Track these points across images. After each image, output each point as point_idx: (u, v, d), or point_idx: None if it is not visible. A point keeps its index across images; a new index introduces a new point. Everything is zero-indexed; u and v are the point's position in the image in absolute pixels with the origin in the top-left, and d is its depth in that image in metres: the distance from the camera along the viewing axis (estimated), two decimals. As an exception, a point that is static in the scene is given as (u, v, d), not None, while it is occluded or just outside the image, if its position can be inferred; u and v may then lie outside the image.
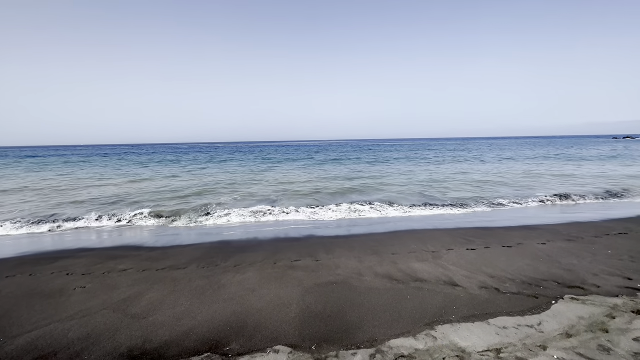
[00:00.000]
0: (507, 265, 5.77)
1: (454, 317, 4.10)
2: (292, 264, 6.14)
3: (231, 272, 5.80)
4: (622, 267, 5.57)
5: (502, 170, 23.97)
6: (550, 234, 7.76)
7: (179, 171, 27.58)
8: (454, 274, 5.44)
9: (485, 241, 7.31)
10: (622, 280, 5.03)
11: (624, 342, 3.41)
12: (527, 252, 6.49)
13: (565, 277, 5.22)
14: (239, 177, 22.71)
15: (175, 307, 4.57)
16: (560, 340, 3.51)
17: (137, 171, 27.92)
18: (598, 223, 8.82)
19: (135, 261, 6.57)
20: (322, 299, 4.71)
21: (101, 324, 4.18)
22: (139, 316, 4.36)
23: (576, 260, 5.97)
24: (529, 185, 16.47)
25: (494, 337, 3.63)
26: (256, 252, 7.02)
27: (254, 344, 3.69)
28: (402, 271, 5.65)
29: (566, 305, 4.31)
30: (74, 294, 5.09)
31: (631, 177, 18.70)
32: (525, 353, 3.31)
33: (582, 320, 3.90)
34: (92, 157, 53.80)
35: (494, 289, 4.85)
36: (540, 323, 3.89)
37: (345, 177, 21.41)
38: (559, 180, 18.10)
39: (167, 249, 7.48)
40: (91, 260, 6.66)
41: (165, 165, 34.78)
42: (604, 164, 27.26)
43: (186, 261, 6.48)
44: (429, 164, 31.08)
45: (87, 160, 43.56)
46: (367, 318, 4.15)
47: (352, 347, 3.55)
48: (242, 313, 4.36)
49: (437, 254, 6.52)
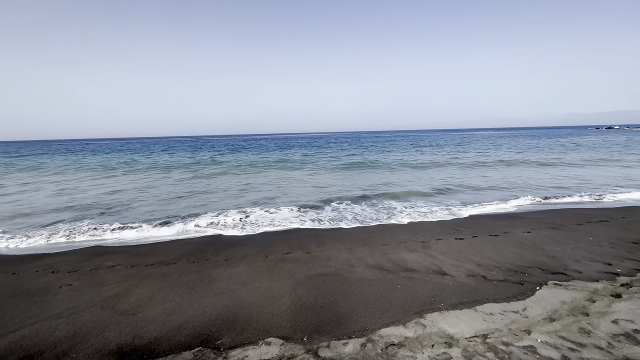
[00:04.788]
0: (494, 254, 5.92)
1: (443, 305, 4.20)
2: (283, 257, 6.15)
3: (222, 267, 5.77)
4: (603, 253, 5.78)
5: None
6: (535, 223, 7.97)
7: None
8: (443, 263, 5.55)
9: (473, 230, 7.46)
10: (602, 266, 5.23)
11: (603, 325, 3.56)
12: (513, 240, 6.66)
13: (549, 264, 5.39)
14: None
15: (166, 303, 4.53)
16: (544, 325, 3.64)
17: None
18: (580, 211, 9.11)
19: (124, 257, 6.46)
20: (313, 290, 4.74)
21: (89, 322, 4.11)
22: (128, 313, 4.30)
23: (559, 247, 6.16)
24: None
25: (481, 324, 3.74)
26: (247, 245, 6.99)
27: (245, 337, 3.70)
28: (393, 261, 5.72)
29: (550, 291, 4.45)
30: (60, 292, 4.97)
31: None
32: (510, 338, 3.42)
33: (565, 305, 4.04)
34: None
35: (481, 277, 4.97)
36: (525, 309, 4.02)
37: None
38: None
39: (157, 244, 7.37)
40: (78, 258, 6.51)
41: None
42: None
43: (176, 256, 6.41)
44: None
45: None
46: (358, 308, 4.20)
47: (344, 337, 3.60)
48: (233, 307, 4.35)
49: (427, 244, 6.62)
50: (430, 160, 25.65)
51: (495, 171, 18.88)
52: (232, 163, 27.77)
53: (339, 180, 16.89)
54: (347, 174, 19.29)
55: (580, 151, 30.52)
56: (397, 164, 24.12)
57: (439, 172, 18.99)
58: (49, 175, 21.82)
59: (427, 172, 19.41)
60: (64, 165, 29.15)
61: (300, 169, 22.91)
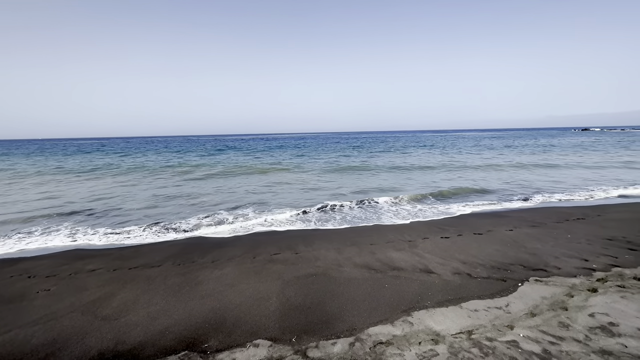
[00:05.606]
0: (478, 252, 6.06)
1: (430, 303, 4.27)
2: (271, 258, 6.10)
3: (209, 268, 5.68)
4: (580, 249, 6.02)
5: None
6: (517, 221, 8.22)
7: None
8: (429, 262, 5.64)
9: (459, 229, 7.63)
10: (580, 262, 5.44)
11: (581, 319, 3.70)
12: (496, 238, 6.84)
13: (530, 261, 5.57)
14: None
15: (150, 306, 4.41)
16: (525, 320, 3.75)
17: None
18: (560, 209, 9.46)
19: (106, 261, 6.26)
20: (302, 291, 4.72)
21: (69, 328, 3.95)
22: (111, 317, 4.17)
23: (540, 244, 6.38)
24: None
25: (466, 320, 3.82)
26: (235, 246, 6.90)
27: (233, 339, 3.65)
28: (380, 261, 5.78)
29: (531, 287, 4.60)
30: (38, 298, 4.77)
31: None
32: (494, 333, 3.51)
33: (545, 300, 4.19)
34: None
35: (466, 275, 5.08)
36: (508, 305, 4.14)
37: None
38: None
39: (140, 247, 7.18)
40: (56, 262, 6.26)
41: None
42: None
43: (161, 259, 6.26)
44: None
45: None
46: (347, 308, 4.22)
47: (332, 337, 3.60)
48: (220, 309, 4.29)
49: (414, 243, 6.72)
50: (418, 162, 26.06)
51: (484, 172, 19.38)
52: (220, 164, 27.38)
53: (327, 182, 16.93)
54: (335, 176, 19.35)
55: (565, 152, 31.75)
56: (385, 165, 24.40)
57: (426, 174, 19.33)
58: (26, 176, 20.90)
59: (414, 173, 19.72)
60: (43, 165, 27.98)
61: (290, 170, 22.82)
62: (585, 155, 27.52)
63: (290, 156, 34.30)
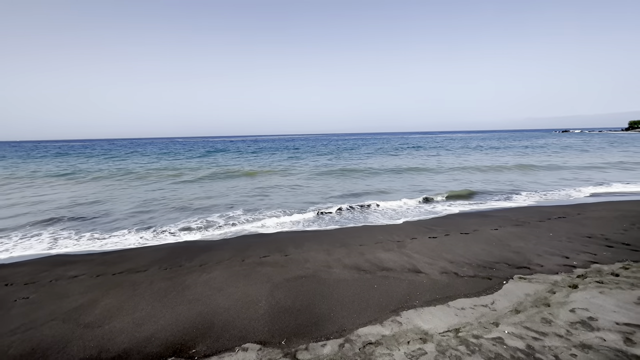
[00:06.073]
0: (464, 251, 6.18)
1: (418, 302, 4.32)
2: (260, 260, 6.05)
3: (197, 272, 5.58)
4: (561, 247, 6.22)
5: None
6: (501, 220, 8.43)
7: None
8: (418, 262, 5.71)
9: (446, 229, 7.76)
10: (561, 259, 5.62)
11: (562, 314, 3.82)
12: (482, 237, 7.00)
13: (514, 259, 5.72)
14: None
15: (135, 312, 4.30)
16: (510, 317, 3.85)
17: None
18: (542, 208, 9.76)
19: (88, 266, 6.07)
20: (291, 293, 4.70)
21: (49, 337, 3.81)
22: (94, 325, 4.04)
23: (523, 243, 6.56)
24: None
25: (453, 319, 3.89)
26: (223, 250, 6.81)
27: (221, 344, 3.59)
28: (370, 261, 5.81)
29: (515, 284, 4.72)
30: (15, 307, 4.58)
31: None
32: (480, 331, 3.58)
33: (529, 297, 4.30)
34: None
35: (453, 274, 5.17)
36: (494, 302, 4.24)
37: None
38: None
39: (125, 251, 7.00)
40: (35, 269, 6.03)
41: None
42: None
43: (147, 263, 6.11)
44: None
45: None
46: (336, 309, 4.23)
47: (322, 339, 3.60)
48: (208, 313, 4.22)
49: (402, 243, 6.80)
50: (406, 164, 26.39)
51: (469, 174, 19.79)
52: (209, 167, 27.00)
53: (316, 184, 16.94)
54: (324, 178, 19.38)
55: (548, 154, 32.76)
56: (374, 167, 24.60)
57: (414, 175, 19.60)
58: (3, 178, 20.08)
59: (402, 175, 19.96)
60: (21, 169, 26.93)
61: (279, 172, 22.72)
62: (567, 156, 28.52)
63: (280, 159, 34.14)
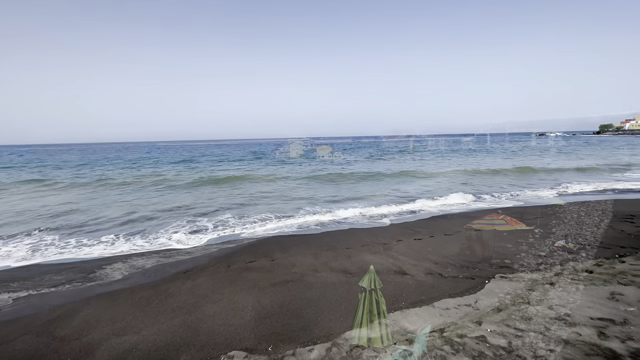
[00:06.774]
0: (448, 252, 6.31)
1: (404, 303, 4.37)
2: (246, 266, 5.97)
3: (181, 279, 5.45)
4: (540, 246, 6.44)
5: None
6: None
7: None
8: (403, 264, 5.79)
9: (430, 231, 7.90)
10: (540, 258, 5.83)
11: (541, 311, 3.96)
12: (465, 238, 7.16)
13: (496, 259, 5.88)
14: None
15: (115, 323, 4.15)
16: (492, 315, 3.95)
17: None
18: (519, 209, 10.09)
19: (67, 275, 5.81)
20: (278, 298, 4.66)
21: (21, 352, 3.62)
22: (71, 338, 3.87)
23: (504, 243, 6.76)
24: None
25: (438, 319, 3.95)
26: (209, 256, 6.68)
27: (206, 353, 3.52)
28: (356, 264, 5.84)
29: (497, 283, 4.86)
30: (-16, 321, 4.33)
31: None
32: (464, 330, 3.66)
33: (509, 296, 4.44)
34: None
35: (438, 275, 5.27)
36: (477, 301, 4.34)
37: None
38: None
39: (106, 259, 6.74)
40: (10, 278, 5.72)
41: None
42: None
43: (129, 272, 5.92)
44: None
45: None
46: (324, 313, 4.22)
47: (309, 344, 3.58)
48: (193, 321, 4.12)
49: (388, 245, 6.87)
50: (388, 168, 26.74)
51: (447, 178, 20.26)
52: (193, 173, 26.48)
53: (303, 189, 16.92)
54: (311, 183, 19.37)
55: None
56: (359, 172, 24.78)
57: (394, 180, 19.89)
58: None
59: (384, 180, 20.22)
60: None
61: (267, 177, 22.54)
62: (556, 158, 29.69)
63: (268, 163, 33.88)
